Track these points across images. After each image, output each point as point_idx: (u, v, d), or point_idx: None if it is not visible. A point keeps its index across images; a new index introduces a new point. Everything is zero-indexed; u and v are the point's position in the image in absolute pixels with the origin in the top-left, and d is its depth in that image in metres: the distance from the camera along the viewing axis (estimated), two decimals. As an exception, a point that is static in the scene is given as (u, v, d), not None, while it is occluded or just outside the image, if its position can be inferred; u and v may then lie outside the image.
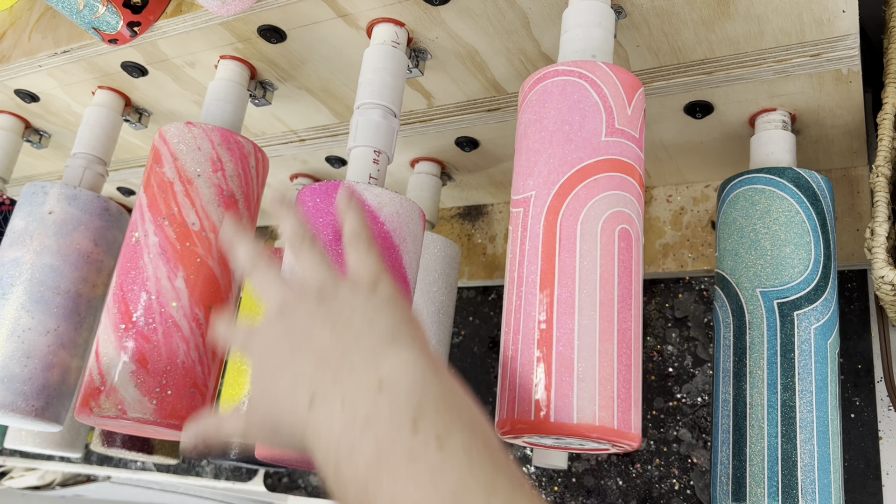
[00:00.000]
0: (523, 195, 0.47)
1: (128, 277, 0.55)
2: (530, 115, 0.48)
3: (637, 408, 0.43)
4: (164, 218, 0.56)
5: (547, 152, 0.46)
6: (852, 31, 0.51)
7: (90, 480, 1.13)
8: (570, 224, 0.44)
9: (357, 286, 0.39)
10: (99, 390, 0.53)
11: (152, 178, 0.58)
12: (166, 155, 0.58)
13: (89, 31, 0.61)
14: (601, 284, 0.43)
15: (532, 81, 0.49)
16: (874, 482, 0.59)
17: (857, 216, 0.66)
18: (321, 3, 0.55)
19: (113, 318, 0.55)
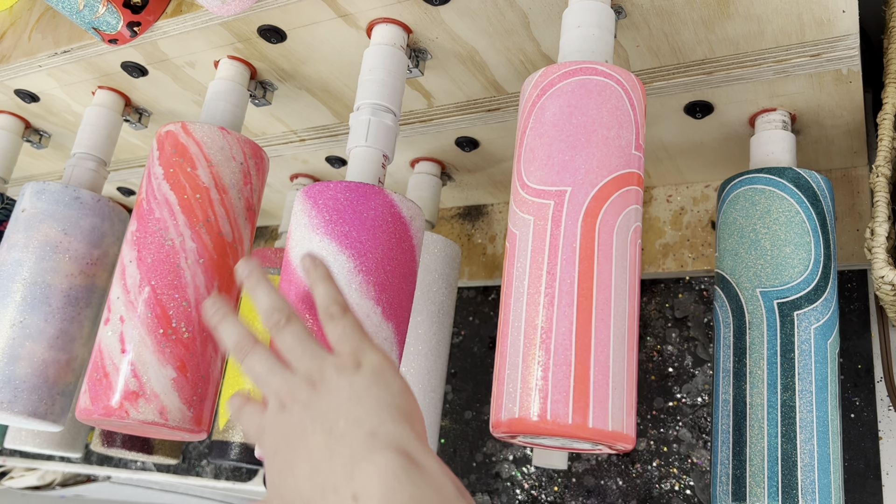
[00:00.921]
0: (556, 188, 0.45)
1: (164, 281, 0.55)
2: (564, 104, 0.47)
3: (633, 410, 0.43)
4: (201, 224, 0.56)
5: (586, 151, 0.46)
6: (852, 31, 0.51)
7: (90, 480, 1.13)
8: (607, 231, 0.44)
9: (342, 366, 0.40)
10: (136, 394, 0.52)
11: (183, 179, 0.57)
12: (199, 158, 0.58)
13: (89, 31, 0.61)
14: (619, 294, 0.44)
15: (568, 70, 0.48)
16: (874, 482, 0.59)
17: (857, 216, 0.66)
18: (321, 3, 0.55)
19: (147, 321, 0.54)
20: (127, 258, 0.56)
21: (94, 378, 0.54)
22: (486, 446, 0.75)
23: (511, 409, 0.42)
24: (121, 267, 0.56)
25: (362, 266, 0.50)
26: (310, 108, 0.70)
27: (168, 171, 0.58)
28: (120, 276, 0.56)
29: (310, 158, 0.78)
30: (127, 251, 0.57)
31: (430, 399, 0.65)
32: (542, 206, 0.45)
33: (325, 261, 0.47)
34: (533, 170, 0.46)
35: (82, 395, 0.54)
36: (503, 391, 0.43)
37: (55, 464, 1.03)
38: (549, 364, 0.42)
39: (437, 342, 0.66)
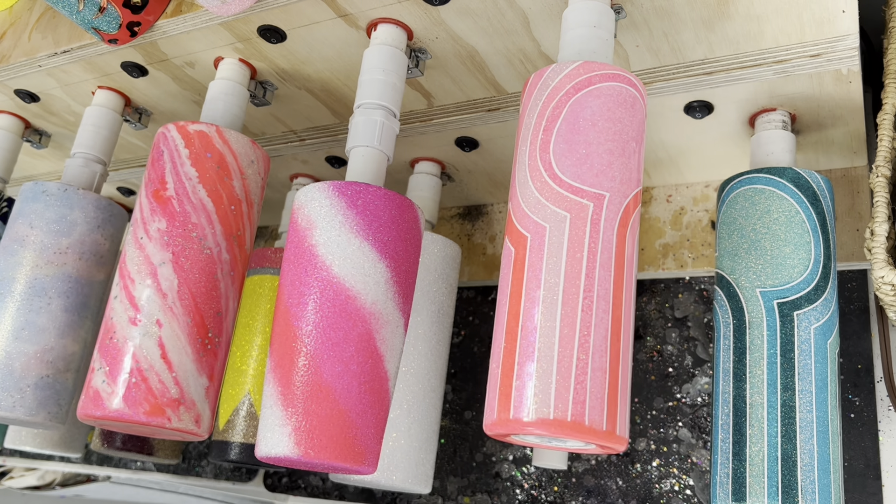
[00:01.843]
0: (595, 190, 0.45)
1: (202, 290, 0.55)
2: (605, 108, 0.46)
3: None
4: (234, 237, 0.57)
5: (621, 160, 0.46)
6: (852, 31, 0.51)
7: (90, 480, 1.13)
8: (632, 243, 0.45)
9: None
10: (178, 402, 0.53)
11: (220, 188, 0.57)
12: (235, 169, 0.58)
13: (89, 31, 0.61)
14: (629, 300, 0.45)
15: (610, 74, 0.47)
16: (874, 482, 0.59)
17: (857, 216, 0.66)
18: (321, 3, 0.55)
19: (187, 328, 0.54)
20: (157, 258, 0.55)
21: (127, 381, 0.53)
22: (486, 446, 0.75)
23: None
24: (146, 265, 0.55)
25: (396, 277, 0.51)
26: (310, 108, 0.70)
27: (204, 175, 0.57)
28: (148, 275, 0.55)
29: (310, 158, 0.78)
30: (155, 250, 0.55)
31: (430, 399, 0.65)
32: (581, 206, 0.45)
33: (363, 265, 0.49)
34: (568, 164, 0.45)
35: (109, 395, 0.52)
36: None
37: (55, 464, 1.03)
38: (588, 367, 0.42)
39: (437, 342, 0.66)
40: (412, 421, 0.63)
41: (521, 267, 0.45)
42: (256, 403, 0.69)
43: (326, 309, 0.49)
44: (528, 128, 0.48)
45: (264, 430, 0.48)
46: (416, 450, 0.63)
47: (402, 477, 0.61)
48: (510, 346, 0.44)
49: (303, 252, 0.51)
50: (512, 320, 0.44)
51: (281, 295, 0.51)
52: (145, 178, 0.59)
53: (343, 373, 0.48)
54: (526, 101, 0.49)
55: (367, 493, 0.78)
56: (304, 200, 0.52)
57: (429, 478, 0.64)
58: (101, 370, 0.53)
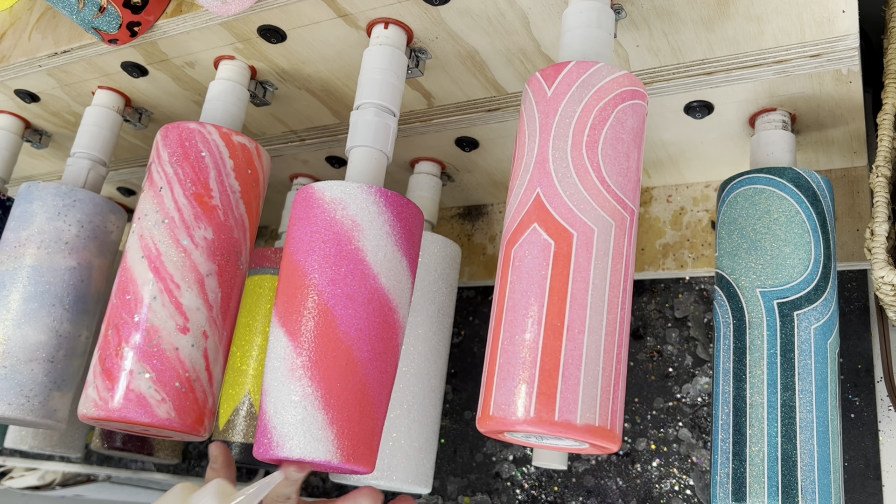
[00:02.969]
0: (631, 205, 0.46)
1: (234, 305, 0.57)
2: (639, 126, 0.48)
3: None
4: (249, 256, 0.60)
5: (637, 179, 0.48)
6: (852, 31, 0.51)
7: (90, 480, 1.13)
8: (632, 252, 0.47)
9: None
10: (212, 412, 0.56)
11: (254, 207, 0.59)
12: (262, 190, 0.60)
13: (89, 31, 0.61)
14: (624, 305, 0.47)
15: (642, 92, 0.48)
16: (874, 482, 0.59)
17: (857, 216, 0.66)
18: (321, 3, 0.55)
19: (224, 342, 0.56)
20: (204, 268, 0.55)
21: (178, 391, 0.53)
22: (486, 446, 0.75)
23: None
24: (193, 272, 0.55)
25: (413, 292, 0.53)
26: (310, 108, 0.70)
27: (245, 191, 0.58)
28: (195, 283, 0.55)
29: (310, 158, 0.78)
30: (201, 259, 0.55)
31: (430, 399, 0.65)
32: (622, 216, 0.45)
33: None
34: (614, 173, 0.46)
35: (159, 403, 0.52)
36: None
37: (55, 464, 1.03)
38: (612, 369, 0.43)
39: (437, 342, 0.66)
40: (412, 421, 0.63)
41: (566, 263, 0.44)
42: (256, 403, 0.69)
43: (374, 320, 0.49)
44: (569, 118, 0.47)
45: (296, 430, 0.47)
46: (416, 450, 0.63)
47: (402, 477, 0.61)
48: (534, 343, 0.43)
49: (348, 253, 0.50)
50: (554, 316, 0.43)
51: (315, 285, 0.49)
52: (175, 171, 0.57)
53: (382, 385, 0.50)
54: (563, 90, 0.47)
55: (367, 493, 0.79)
56: (343, 197, 0.51)
57: (429, 478, 0.64)
58: (144, 374, 0.52)
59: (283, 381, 0.48)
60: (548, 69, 0.48)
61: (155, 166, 0.58)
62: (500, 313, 0.45)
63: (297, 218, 0.52)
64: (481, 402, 0.44)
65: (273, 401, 0.48)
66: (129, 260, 0.56)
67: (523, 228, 0.45)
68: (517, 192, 0.47)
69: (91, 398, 0.53)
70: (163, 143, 0.58)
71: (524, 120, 0.49)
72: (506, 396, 0.42)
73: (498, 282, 0.47)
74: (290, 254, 0.51)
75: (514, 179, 0.48)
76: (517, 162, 0.48)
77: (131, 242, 0.56)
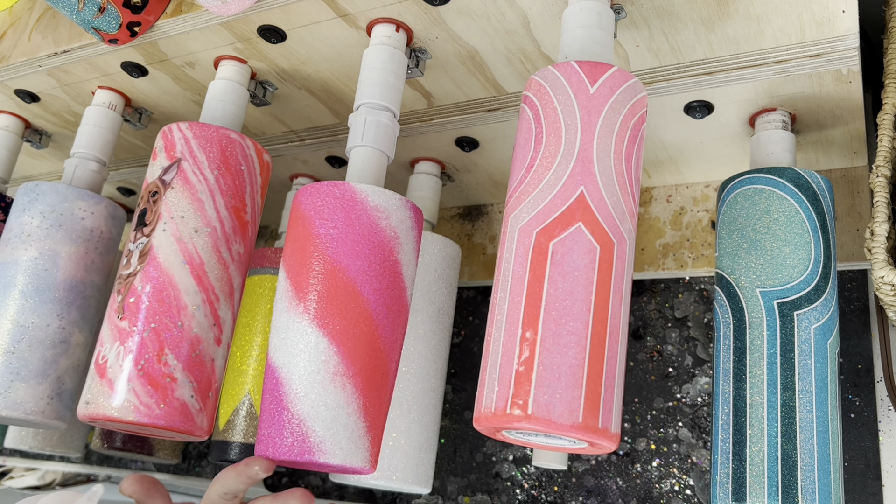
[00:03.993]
0: (635, 222, 0.47)
1: None
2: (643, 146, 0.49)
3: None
4: None
5: None
6: (852, 31, 0.51)
7: (90, 480, 1.13)
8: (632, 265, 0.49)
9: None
10: None
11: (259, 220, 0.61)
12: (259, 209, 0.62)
13: (89, 31, 0.61)
14: None
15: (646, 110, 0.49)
16: (874, 482, 0.59)
17: (857, 216, 0.66)
18: (321, 3, 0.55)
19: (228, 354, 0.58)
20: (236, 283, 0.57)
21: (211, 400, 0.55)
22: (486, 446, 0.75)
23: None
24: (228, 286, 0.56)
25: None
26: (310, 108, 0.70)
27: (262, 207, 0.61)
28: (229, 297, 0.56)
29: (310, 158, 0.78)
30: (235, 273, 0.57)
31: (430, 399, 0.65)
32: (632, 233, 0.46)
33: None
34: (636, 191, 0.47)
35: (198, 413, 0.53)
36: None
37: (55, 464, 1.03)
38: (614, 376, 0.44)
39: (437, 342, 0.66)
40: (412, 421, 0.63)
41: (609, 270, 0.44)
42: (256, 403, 0.69)
43: (402, 333, 0.51)
44: (612, 125, 0.46)
45: (341, 436, 0.47)
46: (416, 450, 0.63)
47: (402, 477, 0.61)
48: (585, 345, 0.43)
49: (390, 265, 0.51)
50: (599, 322, 0.43)
51: (361, 292, 0.49)
52: (217, 180, 0.57)
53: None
54: (605, 93, 0.47)
55: (367, 493, 0.79)
56: (387, 206, 0.51)
57: (429, 478, 0.64)
58: (189, 384, 0.53)
59: (325, 384, 0.47)
60: (586, 65, 0.47)
61: (189, 166, 0.57)
62: (533, 304, 0.43)
63: (333, 216, 0.50)
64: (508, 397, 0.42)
65: (310, 403, 0.47)
66: (166, 262, 0.54)
67: (565, 224, 0.44)
68: (553, 179, 0.45)
69: (131, 402, 0.51)
70: (198, 144, 0.57)
71: (557, 104, 0.47)
72: (551, 398, 0.41)
73: (515, 266, 0.44)
74: (330, 254, 0.50)
75: (546, 161, 0.46)
76: (549, 141, 0.46)
77: (164, 241, 0.55)
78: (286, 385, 0.48)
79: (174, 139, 0.58)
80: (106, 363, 0.53)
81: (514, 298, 0.44)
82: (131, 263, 0.55)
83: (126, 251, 0.56)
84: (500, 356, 0.43)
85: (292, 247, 0.51)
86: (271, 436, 0.47)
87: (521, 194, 0.46)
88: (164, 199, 0.56)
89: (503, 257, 0.46)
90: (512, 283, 0.44)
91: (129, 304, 0.54)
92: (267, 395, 0.49)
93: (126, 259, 0.56)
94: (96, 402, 0.52)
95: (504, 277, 0.45)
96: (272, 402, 0.48)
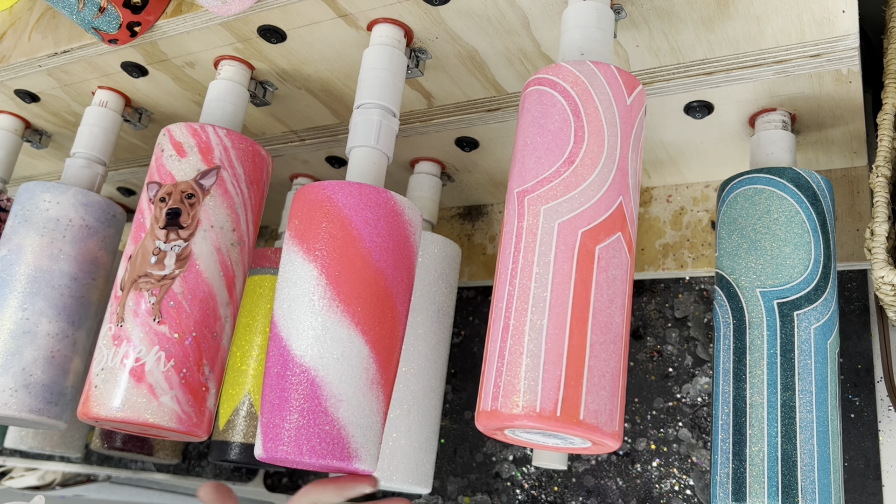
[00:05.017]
0: None
1: None
2: None
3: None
4: None
5: None
6: (852, 31, 0.51)
7: (90, 480, 1.13)
8: None
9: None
10: None
11: None
12: None
13: (89, 31, 0.61)
14: None
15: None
16: (874, 482, 0.59)
17: (857, 216, 0.66)
18: (321, 3, 0.55)
19: None
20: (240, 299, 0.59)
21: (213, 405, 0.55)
22: (486, 446, 0.75)
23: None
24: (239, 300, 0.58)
25: None
26: (310, 108, 0.70)
27: None
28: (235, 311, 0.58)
29: (310, 158, 0.78)
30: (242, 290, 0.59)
31: (430, 399, 0.65)
32: None
33: None
34: None
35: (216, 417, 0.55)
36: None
37: (55, 464, 1.03)
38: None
39: (437, 342, 0.66)
40: (412, 421, 0.63)
41: (631, 282, 0.45)
42: (256, 403, 0.69)
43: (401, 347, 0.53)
44: (638, 140, 0.47)
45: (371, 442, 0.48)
46: (416, 450, 0.63)
47: (402, 477, 0.61)
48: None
49: (412, 281, 0.53)
50: (626, 331, 0.44)
51: (397, 305, 0.50)
52: (249, 196, 0.59)
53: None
54: (637, 107, 0.47)
55: (367, 493, 0.78)
56: (416, 222, 0.53)
57: (429, 478, 0.64)
58: (215, 393, 0.55)
59: (364, 391, 0.48)
60: (624, 74, 0.47)
61: (229, 177, 0.57)
62: (581, 307, 0.43)
63: (378, 224, 0.50)
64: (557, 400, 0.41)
65: (350, 409, 0.47)
66: (206, 271, 0.55)
67: (609, 231, 0.44)
68: (597, 182, 0.45)
69: (174, 411, 0.52)
70: (237, 156, 0.57)
71: (599, 106, 0.46)
72: (600, 406, 0.41)
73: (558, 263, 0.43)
74: (374, 262, 0.50)
75: (590, 161, 0.45)
76: (591, 142, 0.46)
77: (204, 250, 0.55)
78: (324, 387, 0.47)
79: (211, 143, 0.57)
80: (144, 367, 0.52)
81: (558, 297, 0.43)
82: (165, 265, 0.54)
83: (153, 248, 0.55)
84: (541, 354, 0.42)
85: (329, 245, 0.50)
86: (307, 437, 0.46)
87: (561, 187, 0.45)
88: (204, 206, 0.56)
89: (535, 249, 0.44)
90: (554, 280, 0.43)
91: (167, 308, 0.53)
92: (295, 395, 0.47)
93: (155, 258, 0.54)
94: (135, 406, 0.51)
95: (541, 271, 0.43)
96: (306, 403, 0.47)
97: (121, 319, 0.53)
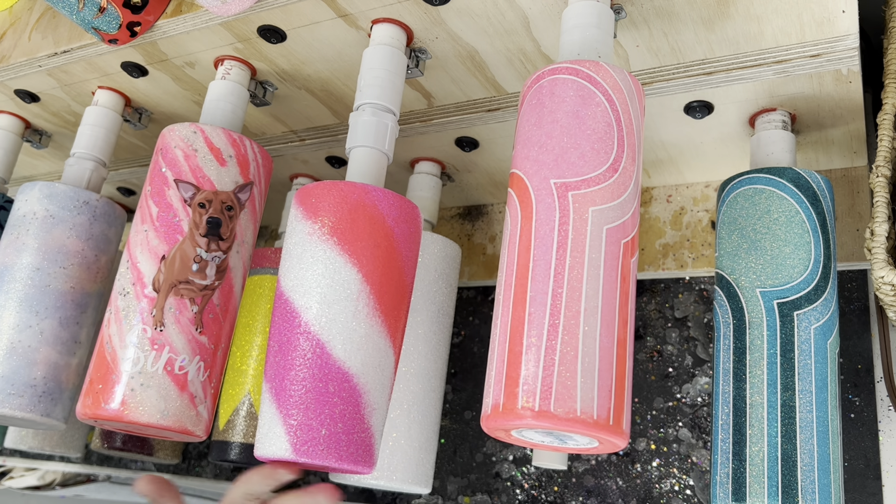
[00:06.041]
0: None
1: None
2: None
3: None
4: None
5: None
6: (852, 31, 0.51)
7: (90, 480, 1.13)
8: None
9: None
10: None
11: None
12: None
13: (89, 31, 0.61)
14: None
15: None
16: (874, 482, 0.59)
17: (857, 216, 0.66)
18: (321, 3, 0.55)
19: None
20: None
21: None
22: (486, 446, 0.75)
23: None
24: None
25: None
26: (310, 108, 0.70)
27: None
28: None
29: (310, 158, 0.78)
30: None
31: (430, 399, 0.65)
32: None
33: None
34: None
35: None
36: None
37: (55, 464, 1.03)
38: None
39: (437, 342, 0.66)
40: (412, 421, 0.63)
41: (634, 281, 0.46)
42: (256, 403, 0.69)
43: None
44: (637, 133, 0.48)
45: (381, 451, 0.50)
46: (416, 450, 0.63)
47: (402, 477, 0.61)
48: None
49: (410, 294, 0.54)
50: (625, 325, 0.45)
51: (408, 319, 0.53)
52: (262, 212, 0.61)
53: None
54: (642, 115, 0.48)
55: (367, 493, 0.79)
56: (419, 243, 0.54)
57: (429, 478, 0.64)
58: None
59: (388, 402, 0.50)
60: (636, 82, 0.48)
61: (258, 195, 0.59)
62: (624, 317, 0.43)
63: (412, 238, 0.52)
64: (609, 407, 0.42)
65: (380, 419, 0.49)
66: (237, 286, 0.57)
67: (636, 245, 0.46)
68: (632, 193, 0.45)
69: (204, 419, 0.54)
70: (264, 174, 0.60)
71: (632, 113, 0.46)
72: (627, 413, 0.43)
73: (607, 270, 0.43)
74: (408, 276, 0.51)
75: (630, 170, 0.45)
76: (629, 150, 0.45)
77: (237, 264, 0.57)
78: (364, 396, 0.47)
79: (248, 157, 0.58)
80: (186, 376, 0.53)
81: (608, 308, 0.43)
82: (207, 275, 0.55)
83: (195, 255, 0.55)
84: (595, 363, 0.41)
85: (374, 254, 0.49)
86: (346, 445, 0.46)
87: (607, 192, 0.44)
88: (239, 220, 0.57)
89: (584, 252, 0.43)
90: (604, 289, 0.43)
91: (208, 320, 0.54)
92: (339, 401, 0.47)
93: (197, 265, 0.54)
94: (177, 415, 0.52)
95: (592, 276, 0.43)
96: (347, 410, 0.47)
97: (160, 323, 0.53)
